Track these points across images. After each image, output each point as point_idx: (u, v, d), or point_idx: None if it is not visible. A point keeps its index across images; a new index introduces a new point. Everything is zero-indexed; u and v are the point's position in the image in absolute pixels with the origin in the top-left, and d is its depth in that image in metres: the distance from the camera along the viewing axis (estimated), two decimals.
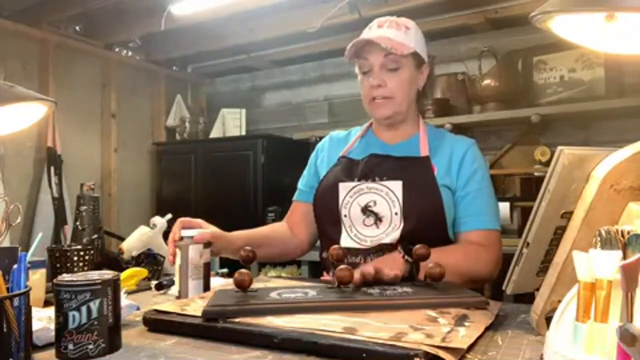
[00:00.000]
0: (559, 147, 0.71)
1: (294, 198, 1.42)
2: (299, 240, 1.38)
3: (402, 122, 1.28)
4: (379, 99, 1.22)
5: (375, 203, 1.19)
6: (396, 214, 1.17)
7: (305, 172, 1.42)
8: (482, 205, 1.20)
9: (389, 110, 1.23)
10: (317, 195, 1.30)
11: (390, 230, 1.17)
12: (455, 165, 1.22)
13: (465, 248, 1.18)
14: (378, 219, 1.19)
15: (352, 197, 1.22)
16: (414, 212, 1.16)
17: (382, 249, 1.16)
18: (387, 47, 1.16)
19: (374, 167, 1.23)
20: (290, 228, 1.39)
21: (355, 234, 1.21)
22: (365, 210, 1.20)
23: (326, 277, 1.26)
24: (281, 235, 1.37)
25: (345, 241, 1.20)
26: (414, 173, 1.19)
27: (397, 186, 1.18)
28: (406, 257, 1.06)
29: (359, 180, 1.23)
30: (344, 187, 1.23)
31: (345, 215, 1.22)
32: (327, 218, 1.27)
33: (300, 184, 1.42)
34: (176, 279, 1.06)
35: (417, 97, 1.30)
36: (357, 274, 0.94)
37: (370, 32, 1.22)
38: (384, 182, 1.20)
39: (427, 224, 1.16)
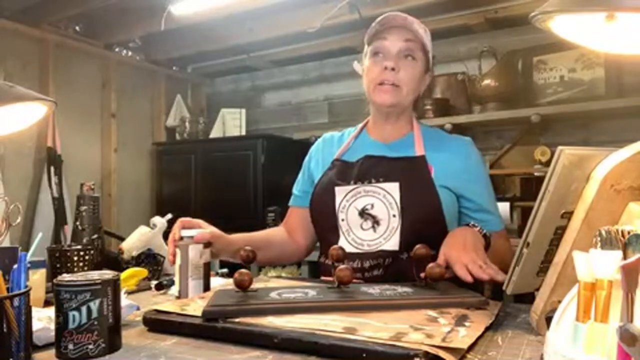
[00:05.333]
0: (559, 147, 0.71)
1: (290, 203, 1.41)
2: (297, 245, 1.37)
3: (398, 118, 1.27)
4: (388, 84, 1.19)
5: (372, 206, 1.18)
6: (394, 216, 1.16)
7: (299, 177, 1.41)
8: (495, 205, 1.25)
9: (394, 99, 1.20)
10: (313, 200, 1.28)
11: (388, 234, 1.16)
12: (460, 170, 1.20)
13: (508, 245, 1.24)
14: (376, 222, 1.18)
15: (348, 200, 1.20)
16: (412, 213, 1.15)
17: (381, 255, 1.15)
18: (412, 28, 1.16)
19: (369, 169, 1.21)
20: (288, 233, 1.38)
21: (352, 238, 1.19)
22: (363, 213, 1.19)
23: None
24: (280, 239, 1.36)
25: (343, 246, 1.19)
26: (411, 174, 1.18)
27: (394, 188, 1.17)
28: (483, 230, 1.07)
29: (355, 183, 1.21)
30: (340, 191, 1.22)
31: (343, 220, 1.21)
32: (324, 223, 1.25)
33: (295, 189, 1.40)
34: (176, 279, 1.05)
35: (415, 101, 1.29)
36: (484, 275, 0.91)
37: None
38: (380, 184, 1.18)
39: (425, 225, 1.15)
